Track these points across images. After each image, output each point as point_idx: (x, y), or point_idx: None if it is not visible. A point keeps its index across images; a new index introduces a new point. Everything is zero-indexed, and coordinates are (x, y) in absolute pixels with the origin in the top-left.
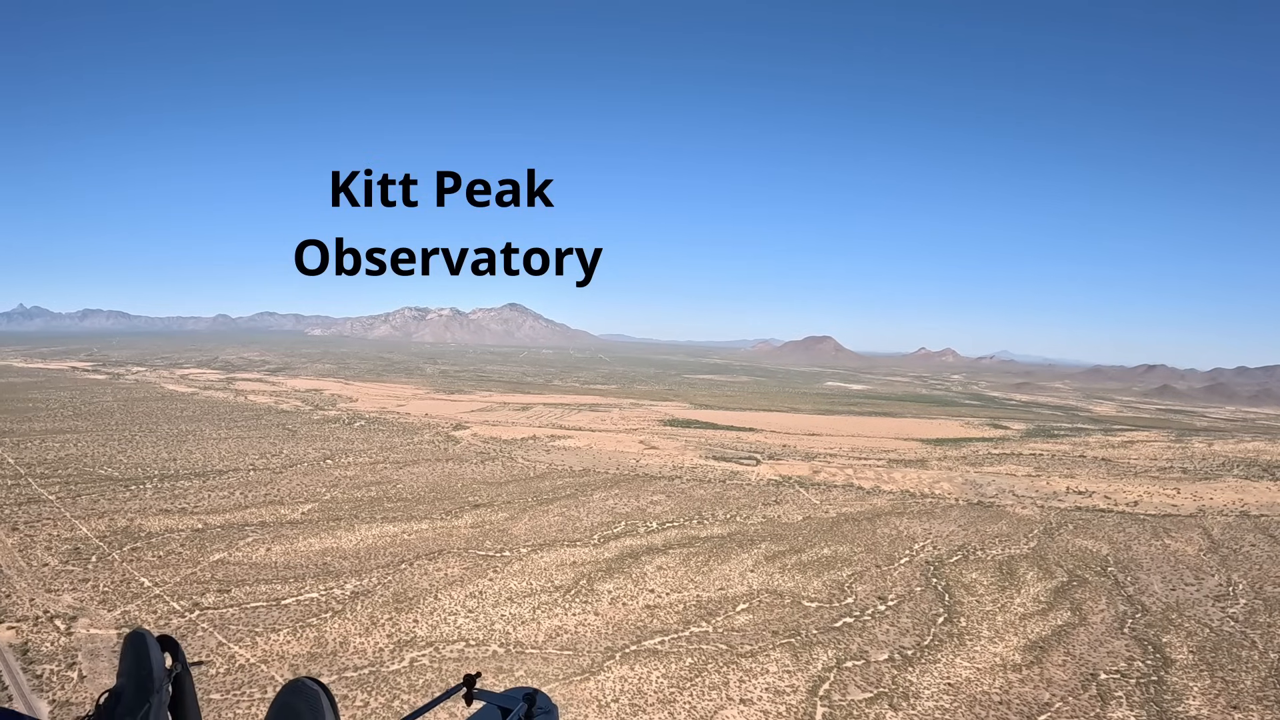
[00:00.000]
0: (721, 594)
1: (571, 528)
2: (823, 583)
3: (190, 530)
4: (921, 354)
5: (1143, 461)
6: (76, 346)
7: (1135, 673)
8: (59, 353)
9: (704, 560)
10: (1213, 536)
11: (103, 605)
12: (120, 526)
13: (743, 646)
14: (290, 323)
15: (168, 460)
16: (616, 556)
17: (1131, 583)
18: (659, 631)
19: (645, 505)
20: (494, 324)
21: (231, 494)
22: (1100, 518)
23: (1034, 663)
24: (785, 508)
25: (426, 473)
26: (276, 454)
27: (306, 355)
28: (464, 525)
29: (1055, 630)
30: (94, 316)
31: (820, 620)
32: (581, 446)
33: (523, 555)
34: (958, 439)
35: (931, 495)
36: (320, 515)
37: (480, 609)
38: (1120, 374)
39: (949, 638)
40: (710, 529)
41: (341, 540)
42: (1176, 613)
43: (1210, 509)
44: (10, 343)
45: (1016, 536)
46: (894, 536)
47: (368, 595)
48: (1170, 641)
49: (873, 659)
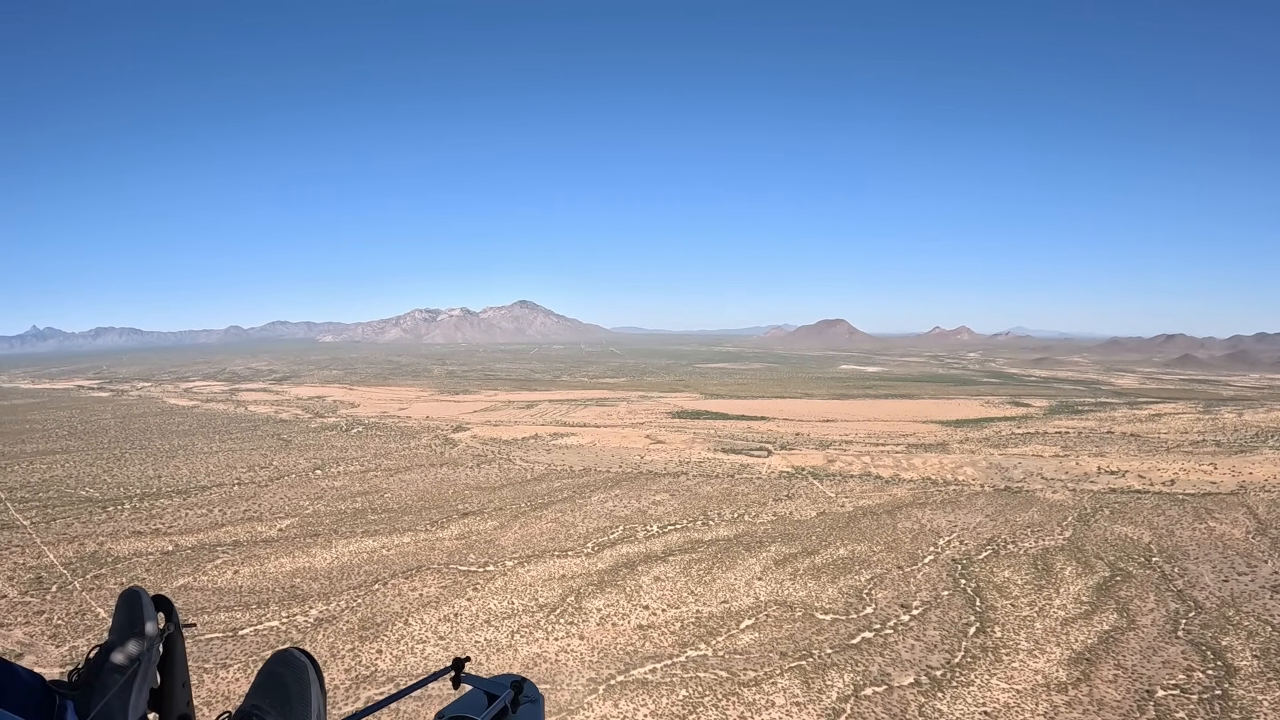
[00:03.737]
0: (725, 608)
1: (564, 535)
2: (838, 590)
3: (159, 553)
4: (936, 333)
5: (1173, 435)
6: (86, 365)
7: (1196, 686)
8: (68, 372)
9: (707, 568)
10: (1259, 516)
11: (52, 640)
12: (89, 552)
13: (746, 673)
14: (302, 330)
15: (152, 478)
16: (610, 567)
17: (1180, 574)
18: (651, 657)
19: (646, 506)
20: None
21: (210, 511)
22: (1137, 500)
23: (1081, 680)
24: (798, 503)
25: (418, 479)
26: (265, 466)
27: (314, 362)
28: (449, 537)
29: (1102, 637)
30: (106, 334)
31: (835, 637)
32: (584, 444)
33: (508, 569)
34: (979, 419)
35: (955, 482)
36: (298, 531)
37: (453, 635)
38: (1139, 345)
39: (983, 652)
40: (715, 530)
41: (315, 559)
42: (1233, 608)
43: (1251, 485)
44: (22, 364)
45: (1049, 525)
46: (916, 531)
47: (332, 622)
48: (1230, 645)
49: (896, 684)
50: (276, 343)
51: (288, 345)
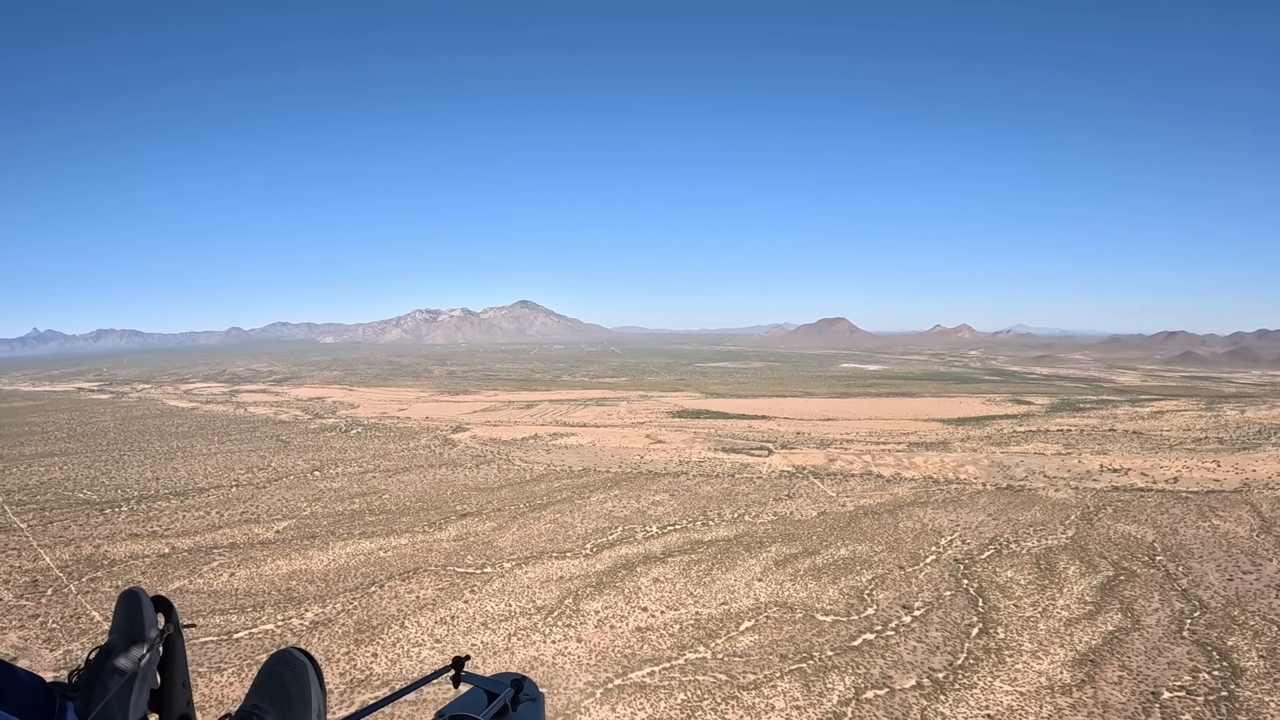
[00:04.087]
0: (724, 609)
1: (563, 536)
2: (839, 591)
3: (155, 556)
4: (937, 331)
5: (1176, 433)
6: (87, 367)
7: (1202, 688)
8: (68, 374)
9: (706, 569)
10: (1263, 514)
11: (46, 644)
12: (85, 555)
13: (745, 676)
14: (303, 332)
15: (150, 480)
16: (609, 568)
17: (1184, 574)
18: (649, 660)
19: (646, 507)
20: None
21: (207, 513)
22: (1140, 498)
23: (1085, 682)
24: (798, 502)
25: (416, 480)
26: (264, 467)
27: (315, 363)
28: (447, 538)
29: (1106, 638)
30: (107, 336)
31: (836, 638)
32: (584, 444)
33: (505, 571)
34: (980, 417)
35: (956, 480)
36: (295, 533)
37: (449, 638)
38: (1140, 342)
39: (986, 654)
40: (715, 531)
41: (312, 561)
42: (1238, 608)
43: (1255, 482)
44: (23, 367)
45: (1052, 524)
46: (918, 531)
47: (328, 625)
48: (1236, 645)
49: (898, 686)
50: (277, 344)
51: (288, 346)
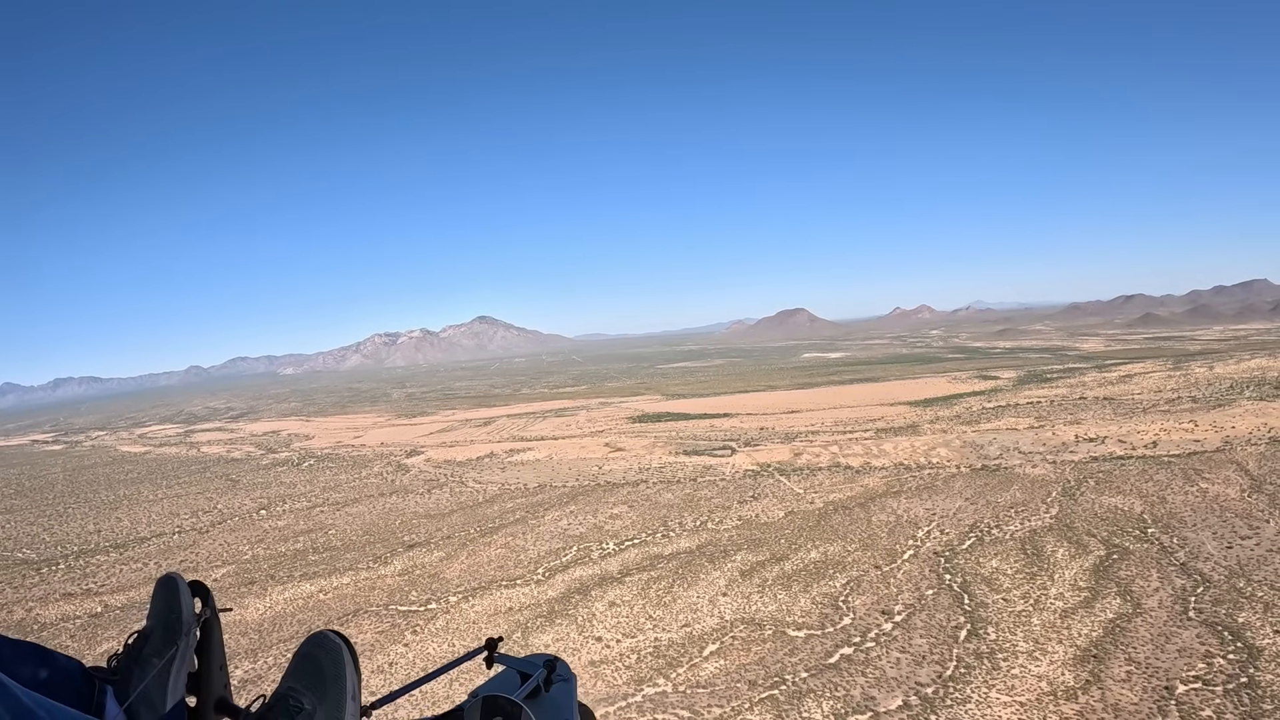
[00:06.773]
0: (686, 632)
1: (514, 561)
2: (811, 600)
3: (87, 616)
4: (897, 314)
5: (1147, 395)
6: (44, 418)
7: (1219, 676)
8: (24, 427)
9: (667, 586)
10: (1251, 472)
11: None
12: (15, 620)
13: (710, 710)
14: (263, 365)
15: (91, 533)
16: (562, 595)
17: (1180, 545)
18: (603, 700)
19: (603, 521)
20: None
21: (145, 566)
22: (1121, 466)
23: (1091, 682)
24: (764, 503)
25: (365, 512)
26: (209, 510)
27: (273, 396)
28: (391, 573)
29: (1107, 628)
30: (66, 385)
31: (811, 656)
32: (540, 459)
33: (451, 606)
34: (947, 396)
35: (929, 465)
36: (234, 580)
37: (386, 688)
38: (1099, 308)
39: (978, 660)
40: (677, 542)
41: (247, 611)
42: (1243, 578)
43: (1236, 439)
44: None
45: (1034, 504)
46: (893, 524)
47: (257, 682)
48: (1248, 622)
49: (882, 708)
50: (237, 380)
51: (248, 381)
